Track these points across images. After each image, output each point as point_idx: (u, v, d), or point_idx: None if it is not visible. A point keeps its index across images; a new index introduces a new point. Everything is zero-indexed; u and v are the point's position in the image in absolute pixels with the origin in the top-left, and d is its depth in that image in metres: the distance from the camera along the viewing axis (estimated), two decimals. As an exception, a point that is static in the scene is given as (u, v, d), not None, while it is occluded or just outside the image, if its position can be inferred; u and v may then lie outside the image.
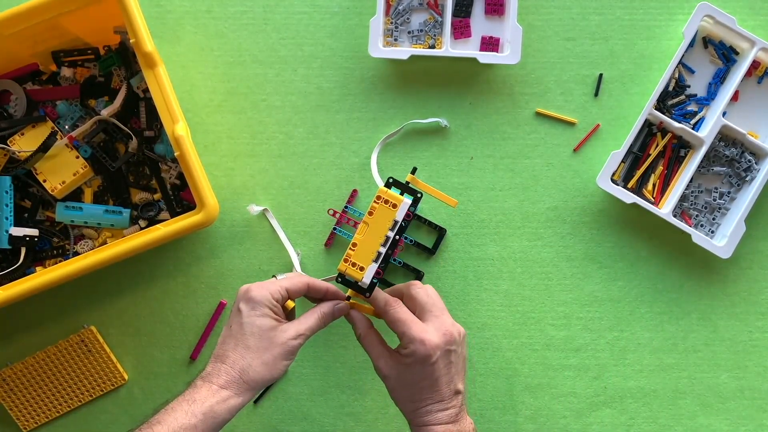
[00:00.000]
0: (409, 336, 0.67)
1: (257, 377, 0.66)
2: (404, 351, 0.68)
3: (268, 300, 0.68)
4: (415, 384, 0.68)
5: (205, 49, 0.87)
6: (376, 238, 0.71)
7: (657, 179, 0.85)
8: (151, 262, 0.87)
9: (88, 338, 0.86)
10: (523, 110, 0.87)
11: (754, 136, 0.84)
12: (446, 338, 0.68)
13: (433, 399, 0.68)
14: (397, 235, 0.71)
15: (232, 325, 0.68)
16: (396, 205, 0.71)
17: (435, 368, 0.67)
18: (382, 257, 0.71)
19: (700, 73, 0.86)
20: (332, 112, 0.87)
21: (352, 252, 0.71)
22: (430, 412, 0.68)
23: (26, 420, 0.86)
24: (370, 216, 0.71)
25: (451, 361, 0.69)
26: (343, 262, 0.71)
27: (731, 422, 0.85)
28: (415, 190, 0.72)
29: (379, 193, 0.71)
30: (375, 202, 0.71)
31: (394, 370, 0.69)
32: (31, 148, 0.81)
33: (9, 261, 0.83)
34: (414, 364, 0.67)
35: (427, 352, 0.66)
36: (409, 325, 0.68)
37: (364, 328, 0.72)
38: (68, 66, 0.85)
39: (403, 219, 0.71)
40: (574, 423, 0.86)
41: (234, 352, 0.66)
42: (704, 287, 0.86)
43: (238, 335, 0.67)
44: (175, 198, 0.85)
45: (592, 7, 0.87)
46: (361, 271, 0.70)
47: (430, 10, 0.86)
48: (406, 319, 0.69)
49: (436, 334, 0.68)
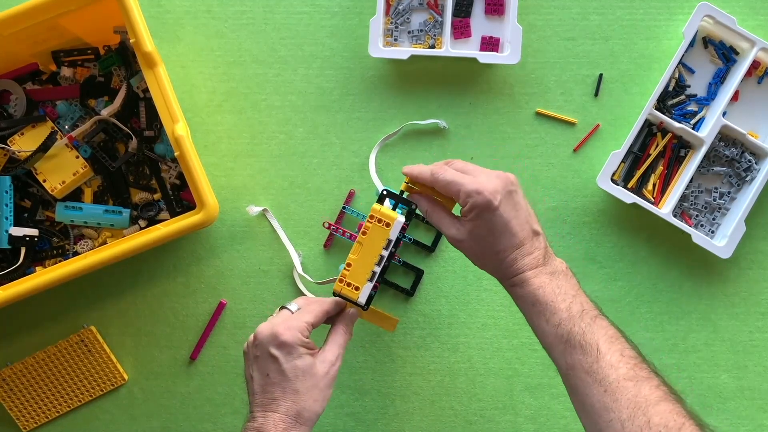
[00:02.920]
0: (465, 192, 0.65)
1: (314, 415, 0.66)
2: (465, 209, 0.66)
3: (300, 340, 0.66)
4: (489, 235, 0.66)
5: (205, 49, 0.87)
6: (371, 257, 0.70)
7: (657, 179, 0.85)
8: (151, 262, 0.87)
9: (88, 338, 0.86)
10: (523, 110, 0.87)
11: (754, 136, 0.84)
12: (502, 181, 0.66)
13: (512, 245, 0.65)
14: (394, 248, 0.71)
15: (269, 372, 0.66)
16: (390, 224, 0.70)
17: (501, 213, 0.65)
18: (377, 276, 0.70)
19: (700, 73, 0.86)
20: (332, 112, 0.87)
21: (347, 272, 0.71)
22: (515, 260, 0.66)
23: (26, 420, 0.86)
24: (364, 236, 0.71)
25: (516, 202, 0.66)
26: (338, 283, 0.71)
27: (731, 422, 0.85)
28: (409, 201, 0.72)
29: (372, 212, 0.71)
30: (369, 221, 0.71)
31: (465, 232, 0.67)
32: (31, 148, 0.81)
33: (9, 261, 0.83)
34: (479, 216, 0.65)
35: (486, 198, 0.64)
36: (462, 182, 0.65)
37: (428, 204, 0.70)
38: (68, 66, 0.85)
39: (396, 239, 0.71)
40: (574, 423, 0.85)
41: (284, 400, 0.65)
42: (704, 287, 0.86)
43: (282, 383, 0.65)
44: (175, 198, 0.85)
45: (592, 7, 0.87)
46: (356, 291, 0.70)
47: (430, 10, 0.86)
48: (456, 178, 0.66)
49: (490, 180, 0.65)
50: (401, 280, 0.86)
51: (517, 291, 0.67)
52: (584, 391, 0.61)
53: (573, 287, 0.66)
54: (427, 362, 0.86)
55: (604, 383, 0.60)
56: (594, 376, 0.60)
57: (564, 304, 0.64)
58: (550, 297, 0.64)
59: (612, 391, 0.59)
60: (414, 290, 0.86)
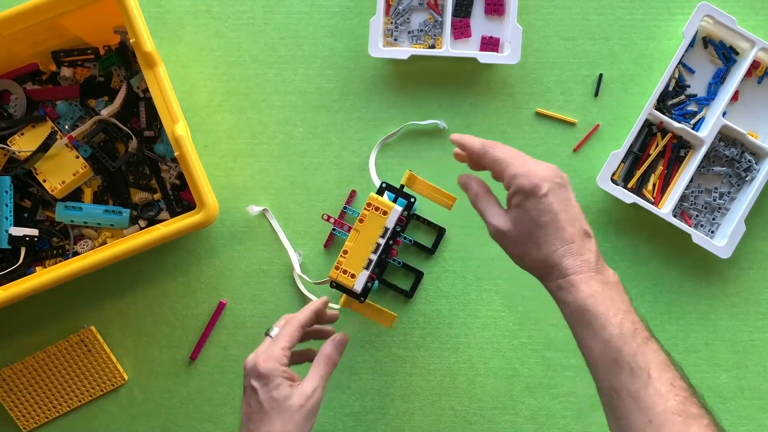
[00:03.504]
0: (510, 173, 0.61)
1: None
2: (511, 191, 0.62)
3: (277, 370, 0.65)
4: (534, 226, 0.61)
5: (205, 49, 0.87)
6: (367, 245, 0.71)
7: (657, 179, 0.85)
8: (151, 262, 0.87)
9: (88, 338, 0.86)
10: (523, 110, 0.87)
11: (754, 136, 0.84)
12: (552, 171, 0.61)
13: (561, 239, 0.60)
14: (391, 240, 0.71)
15: (251, 403, 0.66)
16: (387, 212, 0.70)
17: (549, 202, 0.60)
18: (373, 264, 0.70)
19: (700, 73, 0.86)
20: (332, 112, 0.87)
21: (343, 259, 0.71)
22: (562, 257, 0.60)
23: (26, 420, 0.86)
24: (361, 223, 0.71)
25: (567, 197, 0.61)
26: (334, 270, 0.71)
27: (731, 422, 0.85)
28: (408, 194, 0.72)
29: (369, 200, 0.71)
30: (365, 209, 0.71)
31: (510, 222, 0.62)
32: (31, 148, 0.81)
33: (9, 261, 0.83)
34: (524, 202, 0.60)
35: (533, 182, 0.60)
36: (511, 162, 0.62)
37: (479, 187, 0.66)
38: (68, 66, 0.85)
39: (397, 224, 0.71)
40: (574, 423, 0.85)
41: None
42: (704, 287, 0.86)
43: (260, 413, 0.65)
44: (175, 198, 0.85)
45: (592, 7, 0.87)
46: (352, 278, 0.70)
47: (430, 10, 0.86)
48: (507, 156, 0.62)
49: (541, 167, 0.61)
50: (401, 282, 0.86)
51: (563, 296, 0.61)
52: (626, 417, 0.56)
53: (625, 302, 0.60)
54: (427, 362, 0.86)
55: (649, 413, 0.55)
56: (640, 404, 0.56)
57: (616, 319, 0.58)
58: (601, 309, 0.58)
59: (658, 423, 0.54)
60: (413, 291, 0.86)
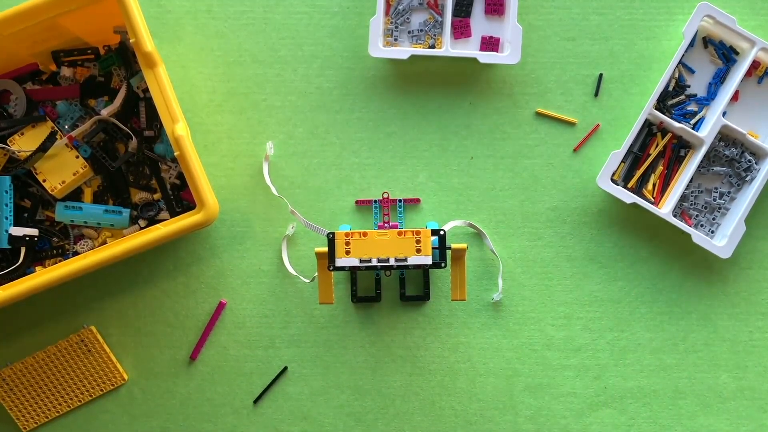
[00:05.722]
0: None
1: None
2: None
3: None
4: None
5: (205, 49, 0.87)
6: (383, 251, 0.72)
7: (657, 179, 0.85)
8: (151, 262, 0.87)
9: (88, 338, 0.86)
10: (523, 110, 0.87)
11: (754, 136, 0.84)
12: None
13: None
14: (399, 264, 0.72)
15: None
16: (420, 250, 0.72)
17: None
18: (369, 264, 0.71)
19: (700, 73, 0.86)
20: (332, 112, 0.87)
21: (358, 238, 0.72)
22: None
23: (26, 420, 0.86)
24: (398, 236, 0.72)
25: None
26: (344, 235, 0.72)
27: (731, 422, 0.85)
28: (445, 256, 0.73)
29: (422, 230, 0.73)
30: (411, 230, 0.73)
31: None
32: (31, 147, 0.81)
33: (9, 261, 0.83)
34: None
35: None
36: None
37: None
38: (68, 66, 0.85)
39: (414, 265, 0.72)
40: (574, 423, 0.86)
41: None
42: (704, 287, 0.86)
43: None
44: (175, 198, 0.85)
45: (592, 7, 0.87)
46: (346, 255, 0.72)
47: (430, 10, 0.86)
48: None
49: None
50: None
51: None
52: None
53: None
54: (427, 362, 0.86)
55: None
56: None
57: None
58: None
59: None
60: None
